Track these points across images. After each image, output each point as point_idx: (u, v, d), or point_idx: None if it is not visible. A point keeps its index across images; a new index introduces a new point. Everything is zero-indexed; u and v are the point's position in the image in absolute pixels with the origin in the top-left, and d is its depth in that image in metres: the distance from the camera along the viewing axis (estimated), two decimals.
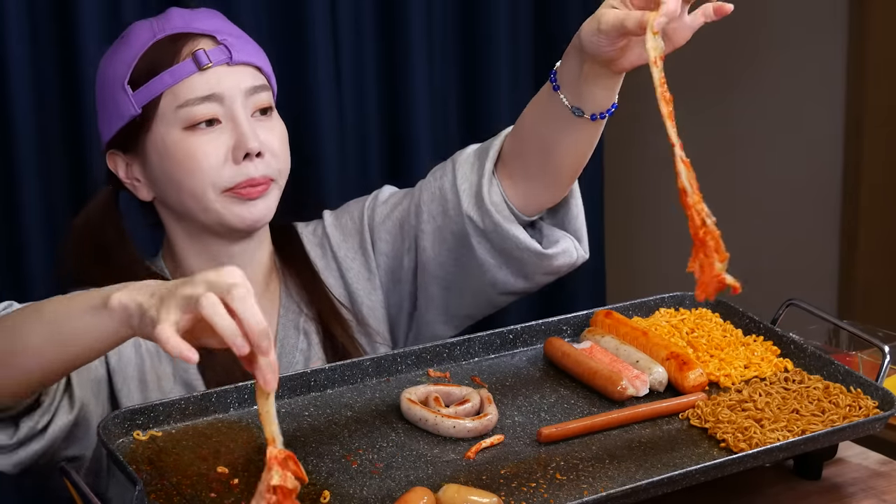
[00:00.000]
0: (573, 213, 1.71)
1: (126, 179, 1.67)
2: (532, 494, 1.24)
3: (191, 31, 1.61)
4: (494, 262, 1.67)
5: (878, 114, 2.90)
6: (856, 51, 2.91)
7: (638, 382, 1.46)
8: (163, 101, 1.59)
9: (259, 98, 1.63)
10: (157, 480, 1.25)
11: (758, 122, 3.14)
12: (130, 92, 1.60)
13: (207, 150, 1.58)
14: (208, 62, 1.58)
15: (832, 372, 1.49)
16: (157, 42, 1.61)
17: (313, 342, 1.70)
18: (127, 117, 1.61)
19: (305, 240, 1.78)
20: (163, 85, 1.59)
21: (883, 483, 1.43)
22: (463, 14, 2.61)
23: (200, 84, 1.58)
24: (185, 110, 1.58)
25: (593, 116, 1.60)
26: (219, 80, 1.59)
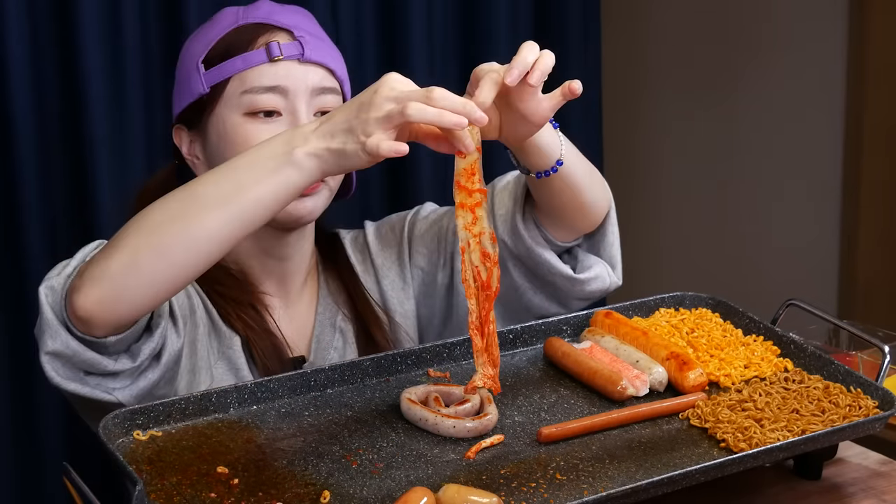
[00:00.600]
0: (608, 241, 1.74)
1: (188, 156, 1.70)
2: (532, 494, 1.24)
3: (271, 23, 1.65)
4: (529, 285, 1.71)
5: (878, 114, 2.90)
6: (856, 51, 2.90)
7: (638, 382, 1.46)
8: (230, 85, 1.62)
9: (325, 99, 1.64)
10: (157, 480, 1.25)
11: (758, 123, 3.14)
12: (203, 70, 1.64)
13: (264, 136, 1.56)
14: (279, 54, 1.61)
15: (832, 372, 1.49)
16: (237, 27, 1.65)
17: (349, 340, 1.74)
18: (195, 94, 1.64)
19: (347, 244, 1.82)
20: (233, 69, 1.62)
21: (883, 483, 1.43)
22: (463, 14, 2.61)
23: (268, 74, 1.61)
24: (248, 96, 1.61)
25: (538, 174, 1.61)
26: (287, 73, 1.61)
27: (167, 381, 1.49)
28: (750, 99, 3.14)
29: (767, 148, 3.13)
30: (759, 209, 3.18)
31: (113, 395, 1.42)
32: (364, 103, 1.29)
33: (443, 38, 2.59)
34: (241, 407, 1.40)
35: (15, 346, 2.20)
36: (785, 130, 3.09)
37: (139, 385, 1.43)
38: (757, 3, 3.10)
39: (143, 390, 1.44)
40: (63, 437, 2.26)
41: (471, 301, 1.36)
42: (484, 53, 2.63)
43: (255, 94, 1.61)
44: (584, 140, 2.78)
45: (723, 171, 3.24)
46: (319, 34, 1.70)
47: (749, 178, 3.19)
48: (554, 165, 1.60)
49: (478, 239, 1.33)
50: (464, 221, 1.34)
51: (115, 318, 1.36)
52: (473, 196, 1.34)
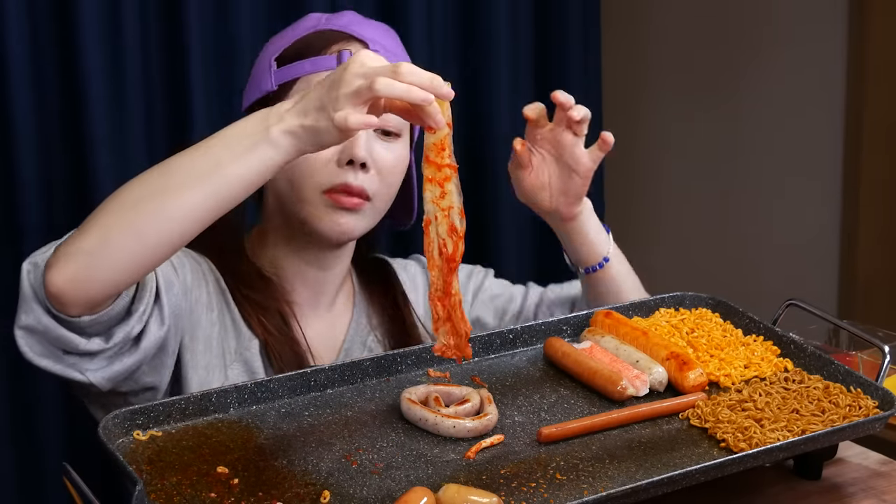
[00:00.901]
0: None
1: None
2: (532, 494, 1.24)
3: (349, 33, 1.65)
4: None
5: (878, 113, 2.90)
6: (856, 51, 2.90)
7: (638, 382, 1.46)
8: (296, 85, 1.63)
9: (388, 118, 1.59)
10: (157, 480, 1.25)
11: (758, 123, 3.14)
12: (274, 68, 1.65)
13: None
14: (348, 54, 1.60)
15: (832, 372, 1.49)
16: (316, 31, 1.66)
17: None
18: (263, 91, 1.65)
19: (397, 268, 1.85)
20: (301, 70, 1.63)
21: (883, 483, 1.43)
22: (463, 14, 2.61)
23: None
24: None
25: (587, 270, 1.76)
26: None
27: (152, 369, 1.49)
28: (750, 99, 3.14)
29: (767, 148, 3.13)
30: (759, 209, 3.18)
31: (85, 375, 1.42)
32: (335, 80, 1.30)
33: (443, 39, 2.59)
34: (241, 407, 1.40)
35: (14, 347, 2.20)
36: (785, 130, 3.09)
37: (114, 368, 1.43)
38: (757, 3, 3.10)
39: (118, 374, 1.44)
40: (63, 437, 2.26)
41: (433, 272, 1.38)
42: (484, 54, 2.63)
43: None
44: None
45: (723, 171, 3.24)
46: (397, 51, 1.69)
47: (749, 178, 3.19)
48: (601, 262, 1.75)
49: (446, 213, 1.35)
50: (432, 195, 1.35)
51: (86, 296, 1.36)
52: (443, 171, 1.35)
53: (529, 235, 2.77)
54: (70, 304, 1.36)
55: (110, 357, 1.43)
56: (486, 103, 2.65)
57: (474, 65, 2.63)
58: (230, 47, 2.32)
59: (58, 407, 2.21)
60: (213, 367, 1.59)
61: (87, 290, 1.36)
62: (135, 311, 1.43)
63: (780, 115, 3.08)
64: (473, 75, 2.63)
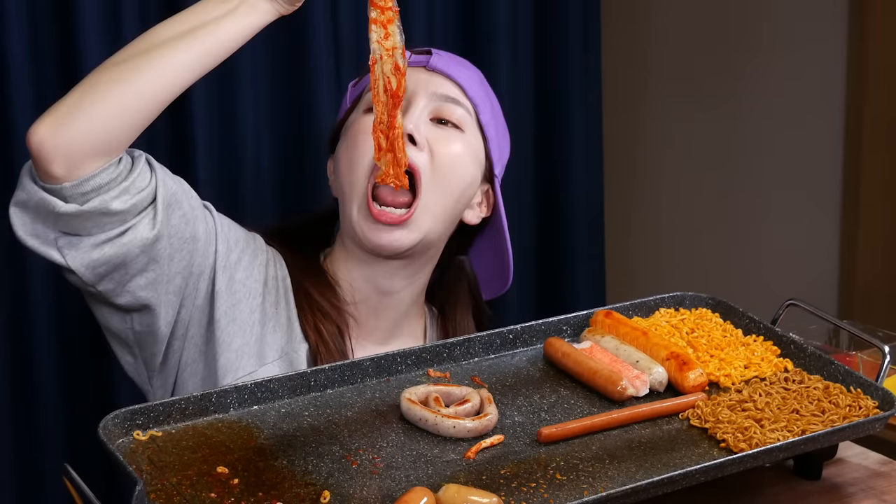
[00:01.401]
0: None
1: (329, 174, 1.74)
2: (532, 494, 1.24)
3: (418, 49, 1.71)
4: None
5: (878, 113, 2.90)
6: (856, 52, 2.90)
7: (638, 382, 1.46)
8: (364, 95, 1.67)
9: (447, 107, 1.63)
10: (157, 480, 1.25)
11: (758, 123, 3.14)
12: (350, 90, 1.74)
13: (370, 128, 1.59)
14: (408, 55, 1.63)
15: (832, 372, 1.49)
16: None
17: None
18: (343, 112, 1.72)
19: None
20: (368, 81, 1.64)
21: (883, 483, 1.43)
22: (463, 15, 2.61)
23: None
24: (370, 94, 1.61)
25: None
26: (409, 75, 1.60)
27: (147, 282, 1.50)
28: (750, 99, 3.14)
29: (767, 148, 3.13)
30: (759, 209, 3.18)
31: (64, 258, 1.45)
32: None
33: (443, 39, 2.59)
34: (241, 407, 1.40)
35: (15, 347, 2.20)
36: (785, 130, 3.09)
37: (92, 256, 1.45)
38: (757, 3, 3.10)
39: (97, 262, 1.46)
40: (63, 437, 2.26)
41: (378, 107, 1.50)
42: (484, 54, 2.63)
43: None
44: (585, 142, 2.79)
45: (723, 171, 3.24)
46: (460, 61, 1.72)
47: (749, 178, 3.19)
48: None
49: (390, 52, 1.47)
50: (377, 36, 1.48)
51: (65, 147, 1.39)
52: (386, 13, 1.49)
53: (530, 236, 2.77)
54: (50, 157, 1.39)
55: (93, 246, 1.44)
56: None
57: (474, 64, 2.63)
58: None
59: (58, 407, 2.21)
60: (245, 355, 1.58)
61: (66, 140, 1.39)
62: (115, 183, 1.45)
63: (780, 114, 3.08)
64: None
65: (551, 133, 2.76)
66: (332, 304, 1.66)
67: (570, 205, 2.77)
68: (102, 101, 1.41)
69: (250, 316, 1.59)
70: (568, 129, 2.76)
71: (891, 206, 2.91)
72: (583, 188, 2.80)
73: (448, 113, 1.64)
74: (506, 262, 1.77)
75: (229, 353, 1.57)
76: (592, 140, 2.82)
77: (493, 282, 1.82)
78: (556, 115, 2.76)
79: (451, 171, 1.64)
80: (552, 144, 2.77)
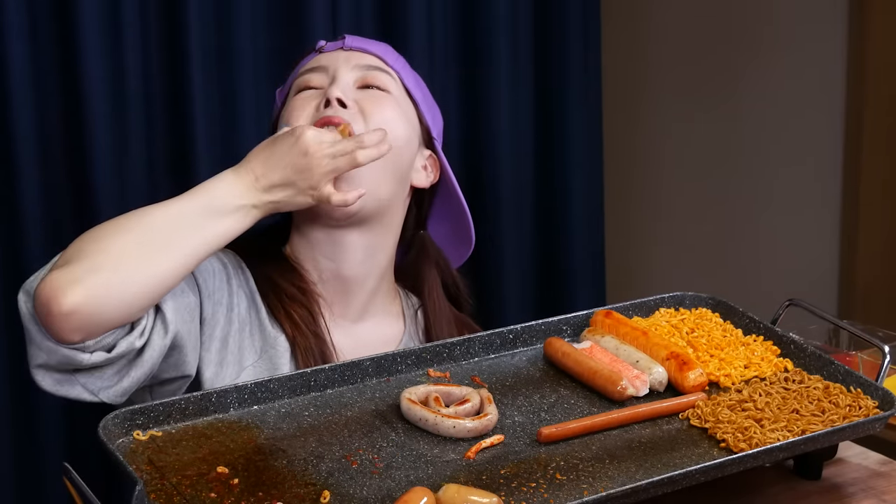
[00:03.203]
0: None
1: None
2: (532, 494, 1.24)
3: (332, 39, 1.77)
4: None
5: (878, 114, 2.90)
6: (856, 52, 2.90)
7: (638, 382, 1.46)
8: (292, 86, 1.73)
9: (373, 75, 1.70)
10: (157, 480, 1.25)
11: (758, 123, 3.14)
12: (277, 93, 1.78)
13: (304, 104, 1.67)
14: (323, 44, 1.74)
15: (832, 372, 1.49)
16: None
17: None
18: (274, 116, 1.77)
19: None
20: (293, 74, 1.75)
21: (883, 483, 1.43)
22: (463, 14, 2.61)
23: (313, 59, 1.73)
24: (297, 81, 1.72)
25: None
26: (329, 57, 1.72)
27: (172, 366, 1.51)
28: (750, 99, 3.13)
29: (767, 148, 3.13)
30: (759, 209, 3.18)
31: (98, 396, 1.44)
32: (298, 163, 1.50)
33: (443, 39, 2.59)
34: (241, 407, 1.40)
35: (14, 347, 2.20)
36: (785, 130, 3.09)
37: (123, 385, 1.45)
38: (757, 3, 3.10)
39: (130, 387, 1.46)
40: (63, 437, 2.26)
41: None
42: (484, 54, 2.63)
43: (300, 76, 1.71)
44: (585, 141, 2.79)
45: (723, 170, 3.24)
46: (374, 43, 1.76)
47: (749, 178, 3.19)
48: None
49: None
50: None
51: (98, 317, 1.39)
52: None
53: (530, 235, 2.77)
54: (78, 327, 1.38)
55: (118, 373, 1.45)
56: (486, 103, 2.65)
57: (474, 64, 2.63)
58: (230, 48, 2.32)
59: (58, 407, 2.21)
60: (228, 364, 1.59)
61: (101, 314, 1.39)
62: (135, 326, 1.45)
63: (780, 114, 3.08)
64: (473, 75, 2.63)
65: (551, 132, 2.77)
66: (298, 287, 1.66)
67: (569, 205, 2.77)
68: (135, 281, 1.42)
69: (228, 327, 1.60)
70: (568, 128, 2.77)
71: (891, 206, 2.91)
72: (582, 188, 2.80)
73: (373, 79, 1.69)
74: (465, 225, 1.80)
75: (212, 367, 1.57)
76: (592, 139, 2.82)
77: (458, 247, 1.84)
78: (556, 113, 2.76)
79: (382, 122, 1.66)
80: (552, 144, 2.77)
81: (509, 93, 2.67)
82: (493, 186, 2.68)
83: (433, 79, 2.54)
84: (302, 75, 1.71)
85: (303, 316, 1.64)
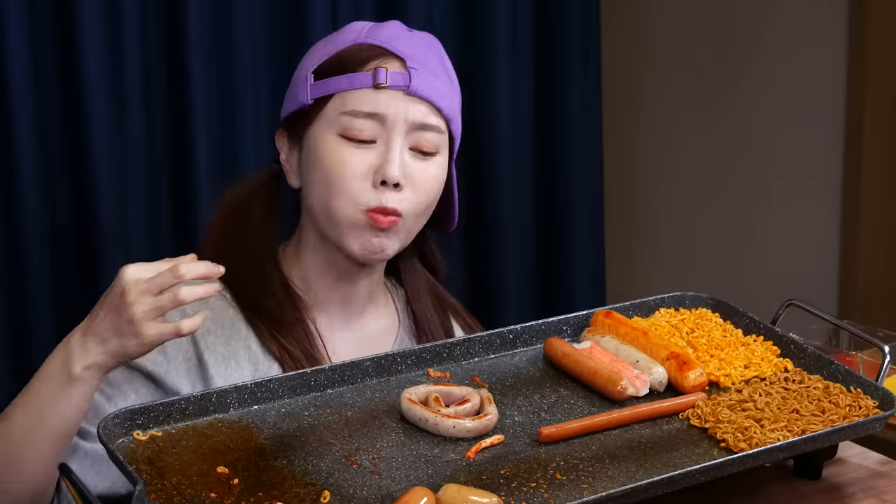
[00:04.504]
0: None
1: (284, 160, 1.68)
2: (532, 494, 1.24)
3: (388, 48, 1.62)
4: None
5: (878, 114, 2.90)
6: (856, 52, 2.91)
7: (638, 382, 1.46)
8: (332, 101, 1.60)
9: (424, 136, 1.61)
10: (157, 480, 1.25)
11: (758, 123, 3.14)
12: (311, 81, 1.62)
13: (354, 162, 1.58)
14: (384, 82, 1.59)
15: (832, 372, 1.49)
16: (356, 45, 1.63)
17: None
18: (299, 104, 1.63)
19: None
20: (337, 86, 1.60)
21: (883, 483, 1.43)
22: (463, 15, 2.61)
23: (370, 100, 1.59)
24: (346, 118, 1.59)
25: None
26: (388, 103, 1.59)
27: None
28: (750, 99, 3.14)
29: (767, 148, 3.13)
30: (760, 209, 3.18)
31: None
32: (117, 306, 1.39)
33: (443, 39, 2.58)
34: (241, 407, 1.40)
35: (15, 346, 2.20)
36: (785, 130, 3.09)
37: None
38: (757, 3, 3.10)
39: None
40: None
41: None
42: (484, 54, 2.63)
43: (352, 117, 1.59)
44: (585, 140, 2.79)
45: (723, 171, 3.24)
46: (435, 67, 1.66)
47: (749, 178, 3.19)
48: None
49: None
50: None
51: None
52: None
53: (530, 235, 2.77)
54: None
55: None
56: (486, 102, 2.65)
57: (474, 63, 2.63)
58: (230, 47, 2.32)
59: None
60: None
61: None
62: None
63: (780, 114, 3.09)
64: (473, 74, 2.63)
65: (551, 131, 2.77)
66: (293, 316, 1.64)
67: (569, 204, 2.77)
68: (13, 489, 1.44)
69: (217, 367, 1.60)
70: (568, 127, 2.77)
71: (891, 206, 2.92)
72: (582, 188, 2.80)
73: (426, 143, 1.62)
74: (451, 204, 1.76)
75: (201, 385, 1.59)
76: (592, 139, 2.82)
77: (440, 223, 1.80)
78: (556, 112, 2.76)
79: (428, 195, 1.64)
80: (552, 143, 2.77)
81: (509, 93, 2.67)
82: (492, 186, 2.68)
83: None
84: (356, 117, 1.59)
85: (298, 338, 1.64)
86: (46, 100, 2.18)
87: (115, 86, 2.22)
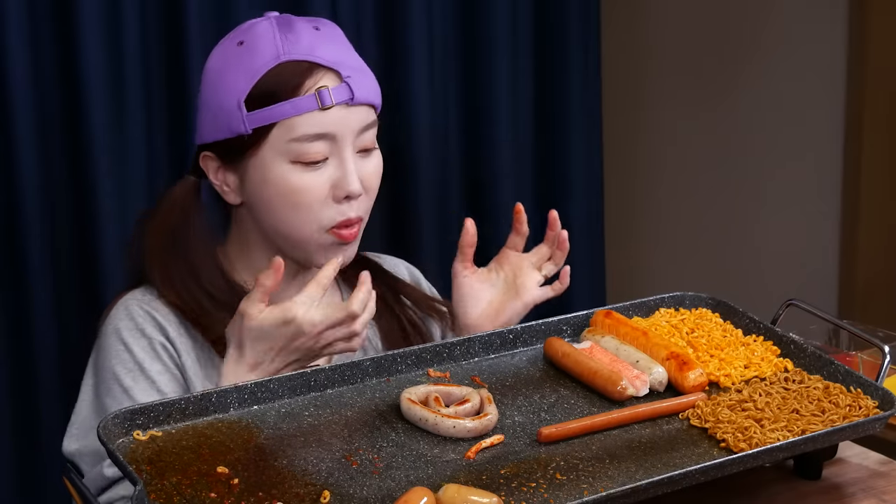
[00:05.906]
0: None
1: (215, 181, 1.64)
2: (532, 494, 1.24)
3: (316, 62, 1.57)
4: None
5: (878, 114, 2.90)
6: (856, 52, 2.91)
7: (638, 382, 1.46)
8: (275, 130, 1.56)
9: (366, 137, 1.61)
10: (157, 480, 1.25)
11: (758, 123, 3.14)
12: (245, 112, 1.56)
13: (312, 185, 1.57)
14: (331, 103, 1.56)
15: (832, 372, 1.49)
16: (281, 64, 1.56)
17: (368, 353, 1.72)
18: (233, 133, 1.58)
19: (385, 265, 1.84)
20: (281, 114, 1.55)
21: (883, 483, 1.43)
22: (463, 14, 2.61)
23: (317, 122, 1.56)
24: (296, 145, 1.56)
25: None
26: (335, 120, 1.57)
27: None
28: (750, 99, 3.14)
29: (767, 148, 3.13)
30: (760, 209, 3.18)
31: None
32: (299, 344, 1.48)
33: (443, 39, 2.59)
34: (241, 407, 1.40)
35: (15, 346, 2.20)
36: (785, 130, 3.09)
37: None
38: (757, 3, 3.10)
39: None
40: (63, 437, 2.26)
41: None
42: (484, 54, 2.63)
43: (302, 142, 1.56)
44: (585, 140, 2.79)
45: (723, 171, 3.24)
46: (356, 62, 1.63)
47: (749, 178, 3.19)
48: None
49: None
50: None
51: None
52: None
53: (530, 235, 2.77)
54: None
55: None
56: (486, 102, 2.65)
57: (474, 64, 2.63)
58: None
59: (58, 407, 2.21)
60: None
61: None
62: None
63: (780, 114, 3.09)
64: (473, 75, 2.63)
65: (551, 131, 2.77)
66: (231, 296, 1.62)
67: (569, 204, 2.77)
68: None
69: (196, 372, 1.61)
70: (567, 127, 2.77)
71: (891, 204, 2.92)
72: (582, 188, 2.80)
73: (368, 142, 1.62)
74: None
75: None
76: (592, 139, 2.82)
77: None
78: (556, 113, 2.76)
79: (376, 188, 1.65)
80: (552, 143, 2.77)
81: (509, 93, 2.67)
82: (492, 186, 2.68)
83: (433, 76, 2.54)
84: (304, 142, 1.56)
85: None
86: (46, 100, 2.18)
87: (115, 86, 2.22)
